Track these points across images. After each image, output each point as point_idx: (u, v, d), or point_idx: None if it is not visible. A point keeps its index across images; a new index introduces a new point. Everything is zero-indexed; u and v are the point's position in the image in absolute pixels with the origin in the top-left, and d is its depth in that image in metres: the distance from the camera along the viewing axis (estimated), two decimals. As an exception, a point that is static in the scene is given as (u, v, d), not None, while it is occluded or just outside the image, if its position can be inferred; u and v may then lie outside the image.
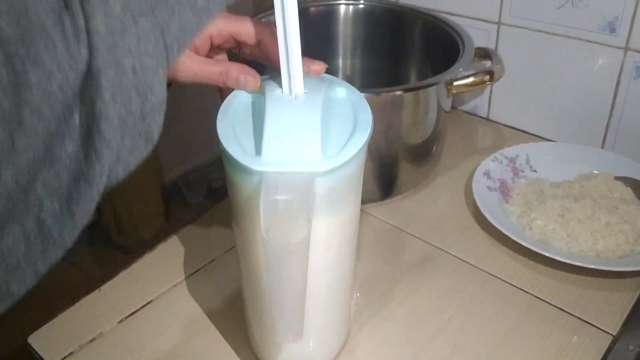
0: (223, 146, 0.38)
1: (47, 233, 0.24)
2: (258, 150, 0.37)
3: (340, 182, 0.39)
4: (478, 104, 0.86)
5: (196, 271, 0.60)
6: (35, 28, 0.23)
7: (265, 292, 0.42)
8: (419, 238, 0.64)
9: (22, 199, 0.23)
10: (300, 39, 0.40)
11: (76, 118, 0.24)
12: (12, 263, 0.23)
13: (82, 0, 0.24)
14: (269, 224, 0.34)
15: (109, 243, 1.69)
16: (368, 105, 0.42)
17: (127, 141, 0.26)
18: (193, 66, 0.43)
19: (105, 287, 0.58)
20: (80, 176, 0.25)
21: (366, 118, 0.41)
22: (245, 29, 0.45)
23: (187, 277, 0.59)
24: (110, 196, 1.60)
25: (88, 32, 0.24)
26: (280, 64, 0.40)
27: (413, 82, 0.80)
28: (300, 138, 0.38)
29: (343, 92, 0.44)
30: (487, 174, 0.68)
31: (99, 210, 1.68)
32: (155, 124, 0.28)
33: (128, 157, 0.26)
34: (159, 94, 0.27)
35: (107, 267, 0.59)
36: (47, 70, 0.23)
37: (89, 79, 0.24)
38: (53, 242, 0.25)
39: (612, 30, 0.70)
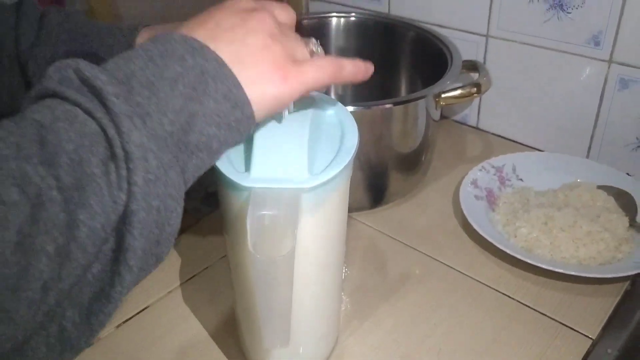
0: (215, 164, 0.40)
1: (66, 339, 0.28)
2: (247, 167, 0.39)
3: (327, 197, 0.41)
4: (468, 113, 0.88)
5: (191, 278, 0.62)
6: (87, 177, 0.27)
7: (254, 301, 0.44)
8: (408, 245, 0.66)
9: (53, 314, 0.27)
10: None
11: (107, 250, 0.28)
12: None
13: (127, 156, 0.28)
14: (256, 238, 0.36)
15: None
16: (355, 124, 0.44)
17: (144, 264, 0.30)
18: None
19: (103, 293, 0.60)
20: (101, 294, 0.29)
21: (352, 136, 0.43)
22: None
23: (182, 284, 0.61)
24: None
25: (129, 183, 0.28)
26: None
27: (403, 93, 0.83)
28: (288, 156, 0.40)
29: (331, 110, 0.46)
30: (474, 183, 0.70)
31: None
32: (167, 249, 0.32)
33: (142, 275, 0.31)
34: (175, 225, 0.32)
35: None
36: (94, 212, 0.27)
37: (124, 219, 0.28)
38: (70, 347, 0.29)
39: (597, 44, 0.72)
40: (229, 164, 0.40)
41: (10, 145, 0.26)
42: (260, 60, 0.35)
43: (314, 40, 0.43)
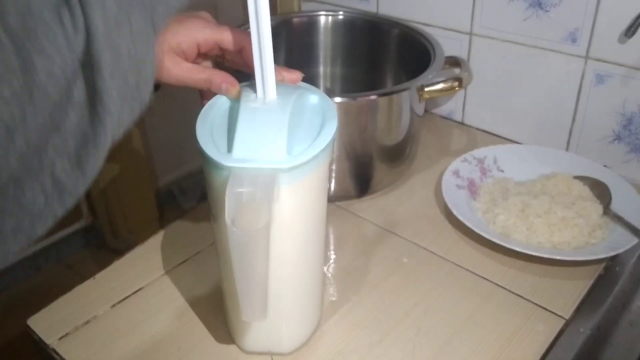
0: (199, 144, 0.43)
1: (62, 187, 0.30)
2: (230, 149, 0.42)
3: (305, 179, 0.44)
4: (453, 109, 0.91)
5: (184, 261, 0.65)
6: (37, 21, 0.28)
7: (234, 275, 0.47)
8: (392, 232, 0.69)
9: (35, 161, 0.29)
10: (284, 48, 0.45)
11: (76, 93, 0.29)
12: (36, 212, 0.29)
13: (82, 1, 0.29)
14: (233, 214, 0.39)
15: (104, 246, 1.73)
16: (336, 112, 0.47)
17: (126, 107, 0.32)
18: (181, 73, 0.48)
19: (99, 275, 0.63)
20: (87, 140, 0.30)
21: (332, 123, 0.46)
22: (228, 38, 0.50)
23: (175, 267, 0.64)
24: (105, 201, 1.64)
25: (87, 26, 0.29)
26: (255, 70, 0.45)
27: (389, 87, 0.85)
28: (268, 138, 0.43)
29: (315, 99, 0.49)
30: (456, 173, 0.73)
31: (94, 214, 1.71)
32: (148, 91, 0.33)
33: (127, 119, 0.32)
34: (150, 67, 0.33)
35: (103, 268, 0.64)
36: (49, 56, 0.28)
37: (89, 61, 0.29)
38: (68, 193, 0.30)
39: (574, 41, 0.75)
40: (213, 146, 0.43)
41: None
42: None
43: None
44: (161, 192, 1.85)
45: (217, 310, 0.58)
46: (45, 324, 0.57)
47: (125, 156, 1.55)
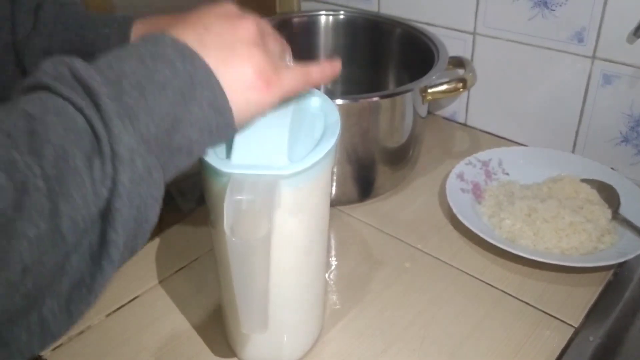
0: None
1: (46, 327, 0.30)
2: (228, 154, 0.41)
3: (307, 185, 0.42)
4: (456, 110, 0.89)
5: (181, 268, 0.63)
6: (70, 170, 0.29)
7: (233, 286, 0.45)
8: (395, 237, 0.67)
9: (32, 300, 0.29)
10: None
11: (86, 241, 0.30)
12: (15, 348, 0.29)
13: (114, 156, 0.30)
14: (232, 222, 0.37)
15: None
16: (338, 115, 0.45)
17: (122, 257, 0.32)
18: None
19: (94, 283, 0.61)
20: (82, 285, 0.30)
21: (335, 127, 0.44)
22: None
23: (172, 274, 0.62)
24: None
25: (115, 182, 0.30)
26: None
27: (391, 89, 0.84)
28: (268, 143, 0.41)
29: (317, 102, 0.47)
30: (460, 177, 0.71)
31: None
32: (143, 242, 0.34)
33: (119, 267, 0.32)
34: (152, 221, 0.33)
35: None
36: (76, 204, 0.29)
37: (107, 214, 0.30)
38: (50, 334, 0.30)
39: (580, 40, 0.73)
40: (211, 151, 0.41)
41: (0, 134, 0.27)
42: (245, 68, 0.36)
43: (288, 49, 0.45)
44: (159, 194, 1.84)
45: (216, 320, 0.56)
46: (38, 334, 0.55)
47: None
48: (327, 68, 0.43)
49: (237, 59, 0.36)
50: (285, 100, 0.44)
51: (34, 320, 0.29)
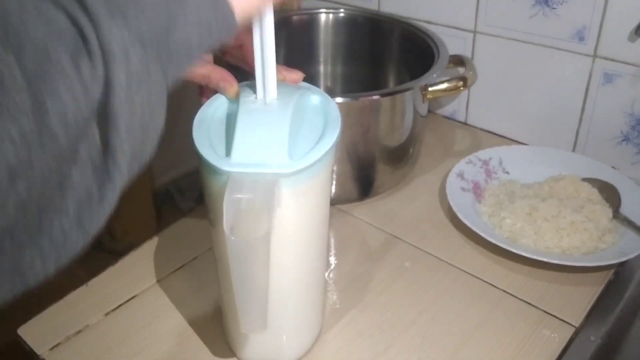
0: (196, 147, 0.41)
1: (60, 248, 0.28)
2: (228, 152, 0.40)
3: (307, 183, 0.42)
4: (456, 108, 0.89)
5: (180, 267, 0.63)
6: (53, 66, 0.26)
7: (233, 285, 0.45)
8: (396, 236, 0.67)
9: (35, 218, 0.26)
10: (284, 46, 0.43)
11: (83, 147, 0.28)
12: (31, 274, 0.27)
13: (104, 52, 0.27)
14: (232, 221, 0.37)
15: (100, 247, 1.71)
16: (338, 113, 0.45)
17: (131, 167, 0.30)
18: None
19: (92, 282, 0.60)
20: (91, 198, 0.28)
21: (335, 124, 0.44)
22: None
23: (171, 273, 0.62)
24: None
25: (107, 78, 0.28)
26: (255, 70, 0.43)
27: (391, 87, 0.83)
28: (268, 141, 0.40)
29: (317, 100, 0.47)
30: (460, 175, 0.71)
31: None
32: (151, 150, 0.32)
33: (128, 179, 0.30)
34: (159, 126, 0.32)
35: (98, 271, 0.61)
36: (62, 100, 0.26)
37: (104, 114, 0.28)
38: (66, 253, 0.28)
39: (581, 39, 0.73)
40: (210, 149, 0.41)
41: None
42: None
43: None
44: (158, 192, 1.83)
45: (215, 319, 0.56)
46: (36, 333, 0.55)
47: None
48: None
49: None
50: (288, 93, 0.44)
51: (46, 244, 0.27)
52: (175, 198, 1.91)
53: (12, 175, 0.25)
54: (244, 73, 0.47)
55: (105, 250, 1.70)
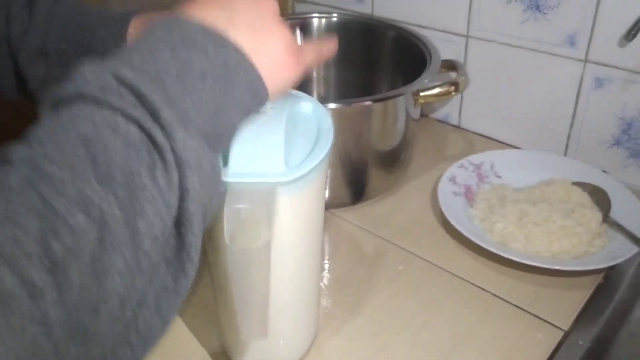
0: None
1: (144, 338, 0.29)
2: (225, 162, 0.41)
3: (303, 191, 0.42)
4: (450, 112, 0.89)
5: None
6: (139, 188, 0.27)
7: (232, 293, 0.46)
8: (388, 241, 0.67)
9: (130, 321, 0.28)
10: None
11: (167, 250, 0.29)
12: None
13: (180, 162, 0.29)
14: (232, 231, 0.37)
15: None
16: (330, 120, 0.45)
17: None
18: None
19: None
20: (166, 290, 0.30)
21: (328, 132, 0.44)
22: None
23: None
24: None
25: (185, 188, 0.29)
26: None
27: (384, 92, 0.84)
28: (264, 150, 0.41)
29: (309, 107, 0.47)
30: (452, 180, 0.71)
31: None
32: (205, 229, 0.33)
33: None
34: (218, 207, 0.34)
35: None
36: (151, 221, 0.28)
37: (181, 219, 0.29)
38: (152, 341, 0.30)
39: (572, 44, 0.74)
40: None
41: (63, 168, 0.26)
42: (279, 47, 0.36)
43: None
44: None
45: (208, 324, 0.56)
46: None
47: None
48: (331, 44, 0.45)
49: (267, 35, 0.35)
50: (281, 101, 0.44)
51: (134, 336, 0.29)
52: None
53: (122, 304, 0.26)
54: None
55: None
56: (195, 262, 0.30)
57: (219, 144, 0.34)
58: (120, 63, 0.30)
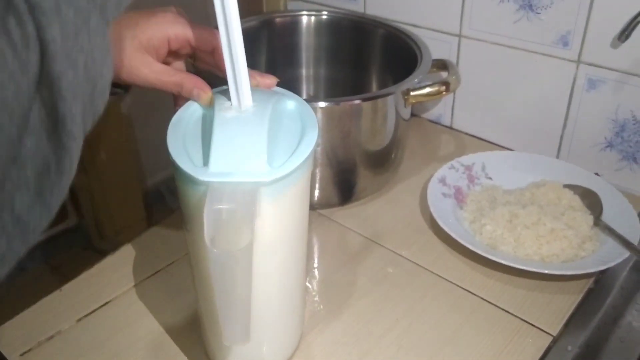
0: (172, 157, 0.40)
1: (24, 223, 0.26)
2: (206, 162, 0.39)
3: (287, 191, 0.41)
4: (442, 112, 0.88)
5: (156, 272, 0.62)
6: None
7: (214, 297, 0.44)
8: (376, 242, 0.66)
9: None
10: (266, 49, 0.42)
11: (33, 119, 0.25)
12: None
13: (34, 10, 0.25)
14: (213, 232, 0.36)
15: (90, 247, 1.70)
16: (315, 118, 0.44)
17: (85, 126, 0.28)
18: (151, 75, 0.45)
19: (66, 287, 0.60)
20: (48, 168, 0.26)
21: (313, 130, 0.43)
22: (200, 36, 0.47)
23: (147, 278, 0.61)
24: (91, 200, 1.61)
25: (43, 41, 0.25)
26: (227, 77, 0.42)
27: (374, 91, 0.83)
28: (246, 149, 0.39)
29: (292, 105, 0.46)
30: (442, 181, 0.70)
31: (79, 214, 1.68)
32: (103, 102, 0.29)
33: (84, 137, 0.28)
34: (107, 75, 0.29)
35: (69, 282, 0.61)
36: (1, 84, 0.24)
37: (46, 81, 0.25)
38: (31, 229, 0.27)
39: (565, 44, 0.72)
40: (186, 158, 0.40)
41: None
42: None
43: None
44: (149, 192, 1.82)
45: (192, 327, 0.55)
46: (8, 337, 0.54)
47: (112, 155, 1.52)
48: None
49: None
50: (264, 99, 0.43)
51: (8, 220, 0.26)
52: (165, 198, 1.90)
53: None
54: (220, 80, 0.46)
55: (95, 251, 1.69)
56: (75, 134, 0.26)
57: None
58: None
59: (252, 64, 0.42)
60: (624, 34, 0.65)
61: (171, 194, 1.95)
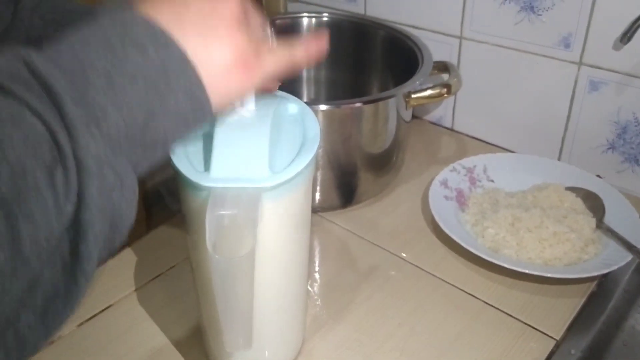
0: (173, 162, 0.40)
1: (22, 342, 0.27)
2: (207, 167, 0.39)
3: (289, 196, 0.41)
4: (443, 114, 0.88)
5: (157, 277, 0.62)
6: (30, 188, 0.25)
7: (216, 303, 0.44)
8: (377, 245, 0.66)
9: (4, 320, 0.26)
10: None
11: (57, 255, 0.27)
12: None
13: (81, 171, 0.27)
14: (215, 238, 0.36)
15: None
16: (317, 122, 0.44)
17: (98, 264, 0.29)
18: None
19: (66, 292, 0.59)
20: (56, 297, 0.28)
21: (314, 135, 0.43)
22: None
23: (147, 283, 0.61)
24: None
25: (81, 195, 0.27)
26: None
27: (375, 93, 0.83)
28: (248, 155, 0.39)
29: (294, 109, 0.46)
30: (444, 184, 0.70)
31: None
32: (121, 241, 0.31)
33: (98, 268, 0.30)
34: (129, 223, 0.31)
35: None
36: (37, 225, 0.25)
37: (76, 227, 0.27)
38: (29, 349, 0.28)
39: (567, 46, 0.72)
40: (188, 164, 0.40)
41: None
42: (225, 51, 0.33)
43: (269, 28, 0.42)
44: (149, 193, 1.81)
45: (193, 333, 0.55)
46: (7, 344, 0.54)
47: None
48: (312, 46, 0.40)
49: (216, 41, 0.33)
50: (265, 103, 0.43)
51: (10, 337, 0.27)
52: (165, 199, 1.90)
53: None
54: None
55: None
56: (88, 274, 0.28)
57: (146, 153, 0.31)
58: (41, 51, 0.28)
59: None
60: (626, 36, 0.65)
61: (170, 194, 1.95)
